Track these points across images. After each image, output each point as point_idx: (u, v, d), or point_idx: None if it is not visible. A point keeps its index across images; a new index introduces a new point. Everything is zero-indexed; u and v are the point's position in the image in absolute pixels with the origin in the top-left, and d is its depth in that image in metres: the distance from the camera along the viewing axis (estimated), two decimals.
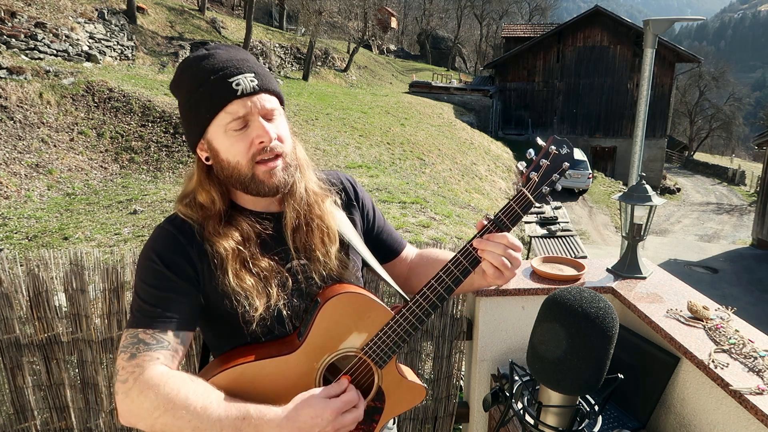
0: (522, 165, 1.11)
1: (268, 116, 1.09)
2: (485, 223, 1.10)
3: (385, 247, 1.37)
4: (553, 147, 1.08)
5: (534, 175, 1.08)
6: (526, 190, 1.08)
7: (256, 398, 1.03)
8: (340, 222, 1.22)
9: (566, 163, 1.08)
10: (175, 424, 0.95)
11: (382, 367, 1.14)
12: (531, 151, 1.11)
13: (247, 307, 1.08)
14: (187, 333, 1.08)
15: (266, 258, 1.12)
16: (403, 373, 1.20)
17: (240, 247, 1.09)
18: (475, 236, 1.10)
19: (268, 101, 1.09)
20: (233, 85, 1.04)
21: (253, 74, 1.07)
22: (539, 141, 1.12)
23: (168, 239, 1.09)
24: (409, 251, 1.43)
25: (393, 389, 1.17)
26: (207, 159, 1.12)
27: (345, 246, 1.23)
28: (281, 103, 1.16)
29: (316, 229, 1.18)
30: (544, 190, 1.08)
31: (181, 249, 1.08)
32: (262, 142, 1.06)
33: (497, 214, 1.09)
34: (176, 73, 1.12)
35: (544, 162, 1.08)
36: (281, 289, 1.13)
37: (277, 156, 1.10)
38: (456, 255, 1.12)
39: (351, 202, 1.32)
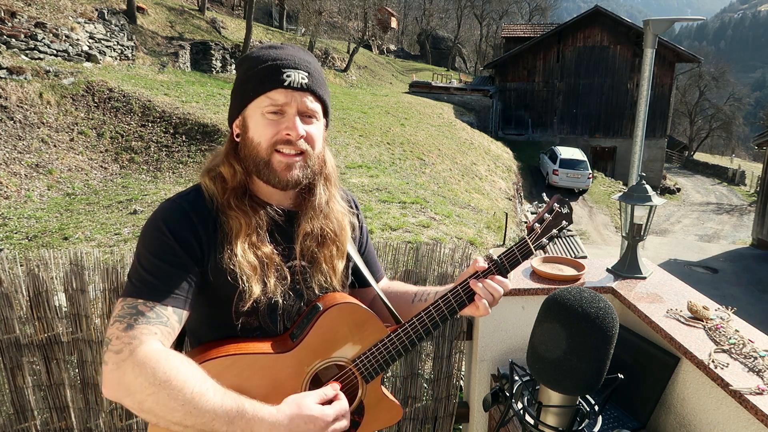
0: (529, 213, 1.24)
1: (305, 114, 1.12)
2: (485, 262, 1.18)
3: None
4: (556, 205, 1.21)
5: (537, 227, 1.20)
6: (529, 239, 1.19)
7: (242, 392, 1.00)
8: (349, 244, 1.25)
9: (564, 222, 1.21)
10: (168, 405, 0.91)
11: (368, 382, 1.16)
12: (536, 203, 1.25)
13: (245, 286, 1.07)
14: (184, 312, 1.05)
15: (270, 246, 1.13)
16: (384, 392, 1.22)
17: (250, 226, 1.11)
18: (477, 275, 1.17)
19: (310, 102, 1.13)
20: (284, 75, 1.09)
21: (307, 73, 1.12)
22: (544, 197, 1.27)
23: (179, 214, 1.08)
24: (383, 283, 1.44)
25: (373, 405, 1.19)
26: (237, 136, 1.16)
27: (347, 264, 1.26)
28: (326, 114, 1.19)
29: (331, 243, 1.20)
30: (543, 242, 1.20)
31: (192, 226, 1.08)
32: (288, 135, 1.10)
33: (500, 256, 1.18)
34: (248, 51, 1.19)
35: (548, 217, 1.20)
36: (279, 281, 1.13)
37: (299, 153, 1.12)
38: (455, 287, 1.17)
39: (353, 210, 1.33)
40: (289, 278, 1.14)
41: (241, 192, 1.13)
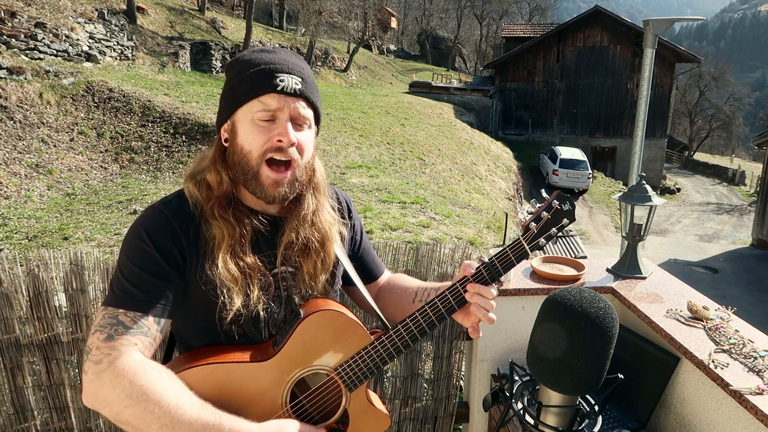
0: (526, 212, 1.12)
1: (297, 121, 1.09)
2: (476, 264, 1.11)
3: (365, 270, 1.36)
4: (556, 201, 1.11)
5: (533, 226, 1.10)
6: (524, 240, 1.10)
7: (221, 401, 1.01)
8: (337, 247, 1.22)
9: (566, 220, 1.10)
10: (144, 418, 0.92)
11: (352, 390, 1.13)
12: (534, 201, 1.16)
13: (226, 299, 1.06)
14: (167, 321, 1.05)
15: (254, 256, 1.11)
16: (371, 400, 1.19)
17: (233, 236, 1.08)
18: (466, 278, 1.10)
19: (303, 108, 1.09)
20: (277, 79, 1.06)
21: (301, 79, 1.09)
22: (543, 194, 1.17)
23: (161, 222, 1.06)
24: (385, 277, 1.42)
25: (358, 414, 1.16)
26: (225, 141, 1.12)
27: (335, 270, 1.23)
28: (317, 121, 1.16)
29: (314, 254, 1.16)
30: (540, 243, 1.11)
31: (174, 235, 1.06)
32: (279, 141, 1.06)
33: (492, 258, 1.11)
34: (239, 55, 1.15)
35: (545, 215, 1.10)
36: (263, 292, 1.11)
37: (288, 165, 1.09)
38: (444, 292, 1.11)
39: (344, 221, 1.30)
40: (273, 286, 1.13)
41: (226, 201, 1.10)
